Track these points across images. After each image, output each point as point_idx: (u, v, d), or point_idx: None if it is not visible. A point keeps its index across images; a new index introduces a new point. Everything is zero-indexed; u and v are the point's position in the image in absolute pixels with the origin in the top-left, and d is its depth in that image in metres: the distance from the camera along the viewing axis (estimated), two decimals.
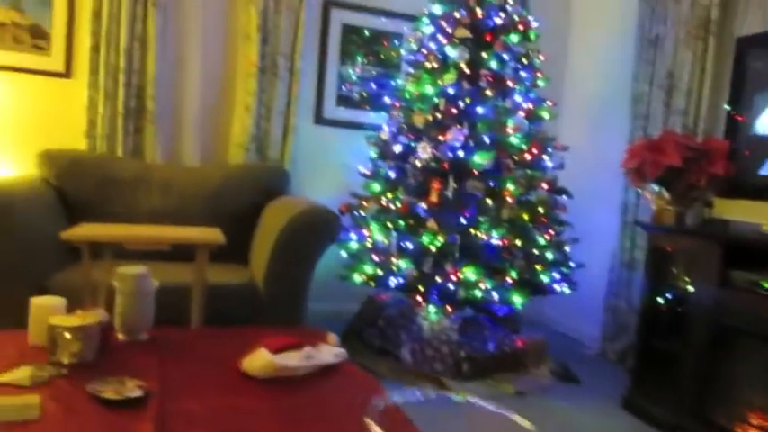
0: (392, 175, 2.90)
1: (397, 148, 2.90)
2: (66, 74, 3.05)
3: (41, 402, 1.20)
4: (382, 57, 3.59)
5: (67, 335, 1.45)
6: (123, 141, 3.03)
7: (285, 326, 2.43)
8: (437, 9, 2.95)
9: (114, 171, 2.84)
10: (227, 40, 3.31)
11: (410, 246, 2.69)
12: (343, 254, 2.96)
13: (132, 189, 2.84)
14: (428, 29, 2.98)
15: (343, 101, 3.54)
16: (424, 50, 2.96)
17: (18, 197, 2.30)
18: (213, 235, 2.09)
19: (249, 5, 3.23)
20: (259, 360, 1.52)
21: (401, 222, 2.73)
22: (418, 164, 2.76)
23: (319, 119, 3.50)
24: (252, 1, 3.21)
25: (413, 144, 2.86)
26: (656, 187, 2.52)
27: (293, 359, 1.56)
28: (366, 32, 3.55)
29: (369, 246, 2.85)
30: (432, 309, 2.71)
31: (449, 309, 2.68)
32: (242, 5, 3.27)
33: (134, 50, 3.04)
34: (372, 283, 2.80)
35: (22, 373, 1.34)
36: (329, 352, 1.65)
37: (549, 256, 2.74)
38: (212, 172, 3.03)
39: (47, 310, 1.56)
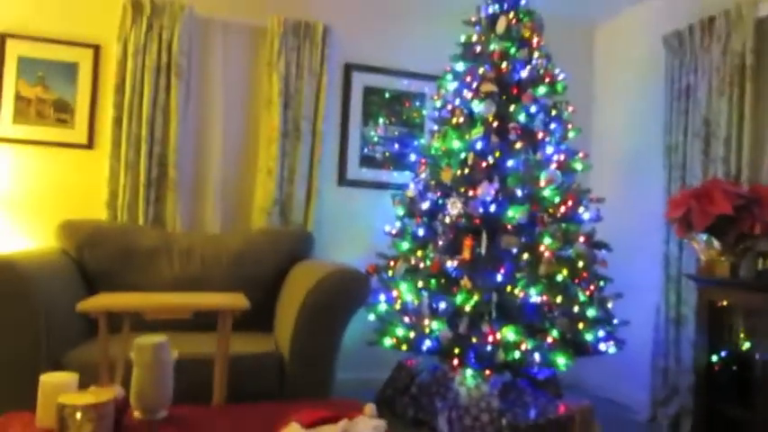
0: (421, 232, 2.78)
1: (425, 205, 2.80)
2: (89, 145, 3.05)
3: None
4: (404, 117, 3.56)
5: (79, 415, 1.32)
6: (144, 210, 2.98)
7: (312, 397, 2.27)
8: (460, 66, 2.92)
9: (135, 240, 2.78)
10: (249, 106, 3.32)
11: (443, 306, 2.54)
12: (372, 317, 2.81)
13: (153, 258, 2.76)
14: (452, 85, 2.94)
15: (367, 161, 3.49)
16: (449, 107, 2.92)
17: (36, 270, 2.22)
18: (237, 300, 1.97)
19: (271, 72, 3.24)
20: None
21: (432, 281, 2.59)
22: (448, 220, 2.65)
23: (343, 180, 3.44)
24: (274, 67, 3.23)
25: (441, 201, 2.77)
26: (704, 237, 2.37)
27: None
28: (387, 94, 3.54)
29: (398, 307, 2.71)
30: (469, 373, 2.52)
31: (487, 373, 2.49)
32: (264, 72, 3.29)
33: (156, 120, 3.05)
34: (404, 347, 2.64)
35: None
36: (367, 425, 1.48)
37: (592, 313, 2.56)
38: (234, 238, 2.95)
39: (57, 387, 1.44)
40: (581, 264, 2.56)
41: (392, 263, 2.83)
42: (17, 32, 2.96)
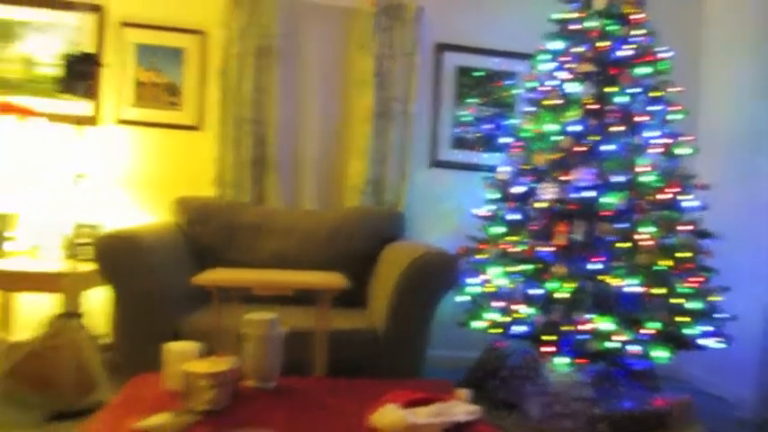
0: (513, 217, 2.77)
1: (518, 189, 2.78)
2: (197, 127, 3.25)
3: None
4: (495, 97, 3.51)
5: (203, 382, 1.45)
6: (249, 188, 3.15)
7: (404, 373, 2.35)
8: (557, 45, 2.84)
9: (239, 216, 2.95)
10: (343, 87, 3.39)
11: (536, 291, 2.53)
12: (462, 299, 2.84)
13: (255, 234, 2.93)
14: (546, 65, 2.87)
15: (458, 143, 3.49)
16: (543, 87, 2.85)
17: (155, 243, 2.43)
18: (337, 280, 2.07)
19: (365, 52, 3.29)
20: (389, 416, 1.44)
21: (525, 267, 2.58)
22: (541, 205, 2.62)
23: (434, 162, 3.46)
24: (367, 48, 3.28)
25: (534, 185, 2.73)
26: None
27: (423, 416, 1.46)
28: (479, 73, 3.50)
29: (489, 291, 2.72)
30: (561, 360, 2.51)
31: (580, 361, 2.47)
32: (358, 53, 3.34)
33: (258, 102, 3.19)
34: (494, 330, 2.65)
35: (160, 420, 1.35)
36: (461, 409, 1.53)
37: (695, 306, 2.47)
38: (329, 216, 3.06)
39: (181, 355, 1.59)
40: (684, 254, 2.46)
41: (482, 246, 2.84)
42: (134, 21, 3.18)
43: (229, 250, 2.88)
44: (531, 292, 2.55)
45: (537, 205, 2.65)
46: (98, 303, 2.92)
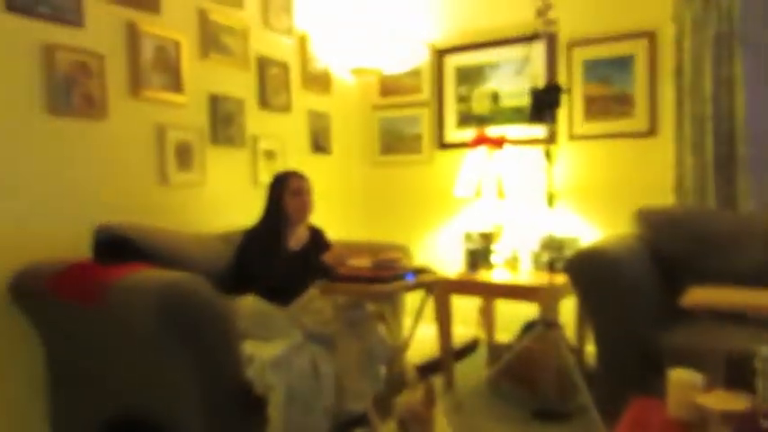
0: None
1: None
2: (651, 132, 3.14)
3: None
4: None
5: (718, 420, 1.38)
6: (714, 193, 2.88)
7: None
8: None
9: (707, 225, 2.71)
10: None
11: None
12: None
13: (729, 243, 2.63)
14: None
15: None
16: None
17: (625, 256, 2.45)
18: None
19: None
20: None
21: None
22: None
23: None
24: None
25: None
26: None
27: None
28: None
29: None
30: None
31: None
32: None
33: (719, 96, 2.88)
34: None
35: None
36: None
37: None
38: None
39: (686, 384, 1.54)
40: None
41: None
42: (579, 39, 3.29)
43: (699, 262, 2.66)
44: None
45: None
46: (568, 312, 3.11)
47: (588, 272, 2.38)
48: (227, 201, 3.06)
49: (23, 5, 2.21)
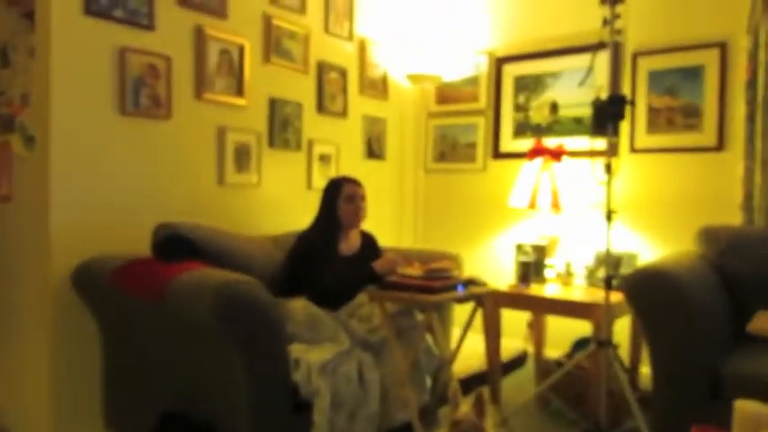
0: None
1: None
2: (719, 147, 3.00)
3: None
4: None
5: None
6: None
7: None
8: None
9: None
10: None
11: None
12: None
13: None
14: None
15: None
16: None
17: (688, 277, 2.34)
18: None
19: None
20: None
21: None
22: None
23: None
24: None
25: None
26: None
27: None
28: None
29: None
30: None
31: None
32: None
33: None
34: None
35: None
36: None
37: None
38: None
39: (753, 416, 1.46)
40: None
41: None
42: (645, 49, 3.18)
43: (766, 285, 2.52)
44: None
45: None
46: (623, 331, 3.01)
47: (647, 292, 2.29)
48: (280, 203, 3.11)
49: (100, 10, 2.32)
